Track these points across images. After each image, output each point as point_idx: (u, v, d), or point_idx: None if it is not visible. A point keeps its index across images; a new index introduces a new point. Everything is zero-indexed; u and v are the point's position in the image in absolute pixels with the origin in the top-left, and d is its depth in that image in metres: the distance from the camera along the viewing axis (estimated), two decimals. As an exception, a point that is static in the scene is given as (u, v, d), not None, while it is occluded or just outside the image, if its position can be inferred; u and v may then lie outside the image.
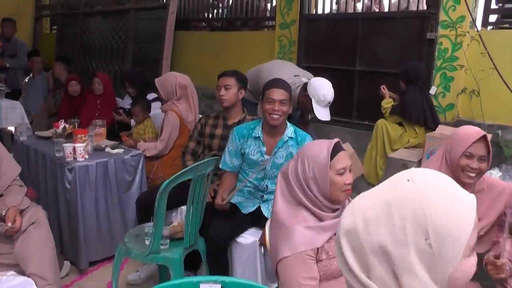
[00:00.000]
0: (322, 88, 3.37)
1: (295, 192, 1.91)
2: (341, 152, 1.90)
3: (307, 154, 1.89)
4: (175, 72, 3.83)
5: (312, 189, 1.87)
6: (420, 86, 3.75)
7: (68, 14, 7.76)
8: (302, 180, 1.88)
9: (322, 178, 1.84)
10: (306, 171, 1.87)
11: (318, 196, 1.87)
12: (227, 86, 3.11)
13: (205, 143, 3.27)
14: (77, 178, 3.10)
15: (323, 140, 1.94)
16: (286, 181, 1.96)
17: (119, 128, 4.51)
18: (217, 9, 6.18)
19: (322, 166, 1.84)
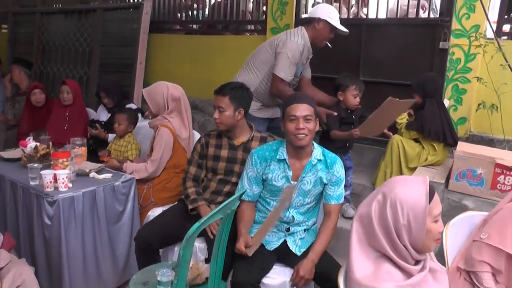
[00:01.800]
0: (327, 5, 3.43)
1: (379, 242, 1.56)
2: (435, 195, 1.57)
3: (399, 196, 1.52)
4: (166, 82, 3.35)
5: (403, 239, 1.54)
6: (437, 99, 3.44)
7: (22, 12, 7.01)
8: (392, 227, 1.53)
9: (418, 227, 1.51)
10: (398, 217, 1.52)
11: (408, 246, 1.55)
12: (220, 108, 2.69)
13: (208, 166, 2.85)
14: (60, 212, 2.57)
15: (412, 178, 1.60)
16: (366, 229, 1.59)
17: (94, 145, 3.96)
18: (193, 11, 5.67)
19: (420, 212, 1.51)
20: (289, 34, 3.34)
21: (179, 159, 3.28)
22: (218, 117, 2.69)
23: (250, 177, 2.47)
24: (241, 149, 2.77)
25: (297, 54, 3.25)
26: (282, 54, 3.24)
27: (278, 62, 3.25)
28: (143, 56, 5.08)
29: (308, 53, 3.39)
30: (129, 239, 2.98)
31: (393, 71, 4.05)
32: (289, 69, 3.25)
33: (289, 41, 3.27)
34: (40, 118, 4.50)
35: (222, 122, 2.69)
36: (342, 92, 3.29)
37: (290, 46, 3.24)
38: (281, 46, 3.27)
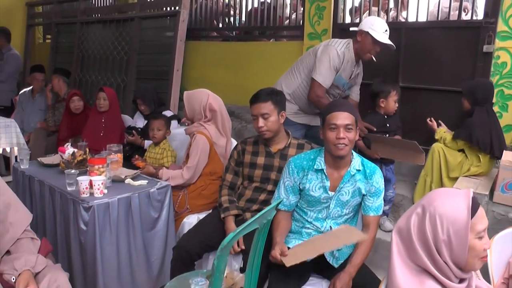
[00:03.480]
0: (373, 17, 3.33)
1: (419, 257, 1.45)
2: (480, 208, 1.45)
3: (439, 210, 1.41)
4: (209, 91, 3.34)
5: (444, 255, 1.42)
6: (487, 108, 3.27)
7: (64, 22, 7.19)
8: (432, 243, 1.42)
9: (459, 243, 1.40)
10: (437, 232, 1.41)
11: (450, 263, 1.43)
12: (265, 114, 2.63)
13: (244, 174, 2.82)
14: (95, 218, 2.56)
15: (453, 191, 1.49)
16: (406, 243, 1.49)
17: (131, 151, 3.98)
18: (229, 18, 5.66)
19: (461, 228, 1.39)
20: (332, 40, 3.31)
21: (215, 166, 3.26)
22: (263, 124, 2.63)
23: (287, 186, 2.40)
24: (278, 156, 2.72)
25: (336, 60, 3.19)
26: (321, 59, 3.20)
27: (317, 66, 3.21)
28: (179, 63, 5.08)
29: (352, 66, 3.31)
30: (163, 246, 2.96)
31: (433, 76, 3.89)
32: (328, 75, 3.19)
33: (330, 46, 3.23)
34: (79, 125, 4.58)
35: (269, 129, 2.64)
36: (384, 99, 3.22)
37: (329, 51, 3.20)
38: (321, 51, 3.24)
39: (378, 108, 3.28)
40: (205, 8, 5.56)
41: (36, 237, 2.10)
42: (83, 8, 6.82)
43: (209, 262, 2.70)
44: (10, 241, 2.01)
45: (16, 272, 1.87)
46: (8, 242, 2.00)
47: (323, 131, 2.27)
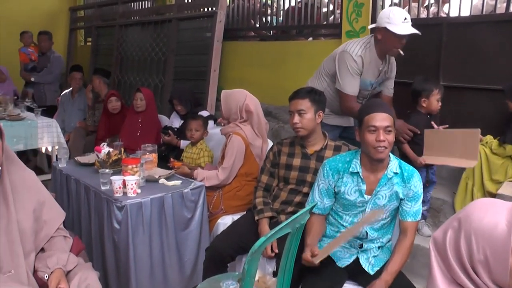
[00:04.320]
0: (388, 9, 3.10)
1: (456, 274, 1.27)
2: None
3: (475, 226, 1.22)
4: (246, 91, 3.29)
5: (482, 276, 1.22)
6: None
7: (104, 25, 7.35)
8: (467, 261, 1.23)
9: (498, 265, 1.19)
10: (473, 251, 1.21)
11: (490, 284, 1.23)
12: (301, 111, 2.57)
13: (280, 175, 2.76)
14: (128, 218, 2.56)
15: (494, 202, 1.28)
16: (443, 257, 1.33)
17: (167, 151, 3.99)
18: (266, 17, 5.61)
19: (500, 248, 1.18)
20: (348, 44, 3.13)
21: (250, 167, 3.21)
22: (298, 121, 2.57)
23: (321, 189, 2.34)
24: (314, 158, 2.65)
25: (354, 66, 3.03)
26: (340, 68, 3.07)
27: (339, 77, 3.08)
28: (217, 64, 5.08)
29: (377, 65, 3.12)
30: (197, 247, 2.94)
31: (478, 75, 3.69)
32: (352, 82, 3.06)
33: (345, 52, 3.06)
34: (116, 124, 4.62)
35: (303, 126, 2.58)
36: (426, 98, 3.08)
37: (345, 59, 3.05)
38: (338, 59, 3.09)
39: (419, 108, 3.14)
40: (242, 8, 5.53)
41: (69, 236, 2.11)
42: (122, 11, 6.94)
43: (242, 265, 2.65)
44: (45, 239, 2.02)
45: (49, 270, 1.88)
46: (42, 240, 2.02)
47: (361, 133, 2.19)
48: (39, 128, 4.82)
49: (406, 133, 3.01)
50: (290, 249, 1.94)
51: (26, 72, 6.72)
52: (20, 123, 4.79)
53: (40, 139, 4.84)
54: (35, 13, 7.88)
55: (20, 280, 1.85)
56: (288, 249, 1.93)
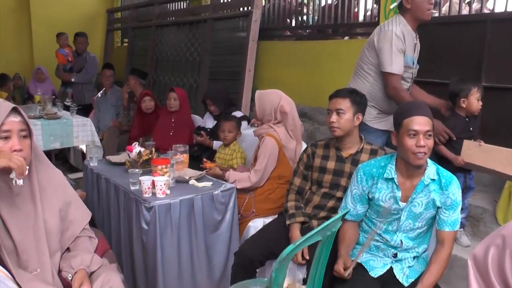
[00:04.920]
0: None
1: None
2: None
3: None
4: (281, 92, 3.20)
5: None
6: None
7: (140, 26, 7.43)
8: None
9: None
10: None
11: None
12: (340, 110, 2.47)
13: (313, 178, 2.66)
14: (156, 219, 2.50)
15: None
16: (482, 274, 1.20)
17: (199, 151, 3.93)
18: (302, 16, 5.48)
19: None
20: (382, 26, 3.01)
21: (283, 169, 3.12)
22: (335, 120, 2.47)
23: (354, 194, 2.24)
24: (349, 161, 2.54)
25: (398, 42, 2.89)
26: (382, 48, 2.91)
27: (382, 57, 2.92)
28: (252, 64, 5.01)
29: (413, 38, 2.99)
30: (226, 250, 2.87)
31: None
32: (397, 60, 2.90)
33: (383, 32, 2.93)
34: (149, 124, 4.61)
35: (340, 126, 2.47)
36: (464, 98, 2.89)
37: (387, 37, 2.90)
38: (379, 41, 2.94)
39: (458, 110, 2.96)
40: (278, 7, 5.43)
41: (94, 236, 2.07)
42: (158, 12, 6.98)
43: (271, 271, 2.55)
44: (70, 239, 2.00)
45: (72, 270, 1.86)
46: (68, 240, 1.99)
47: (398, 137, 2.07)
48: (74, 127, 4.91)
49: (442, 135, 2.85)
50: (321, 258, 1.84)
51: (64, 73, 6.84)
52: (57, 122, 4.88)
53: (75, 137, 4.92)
54: (73, 15, 8.06)
55: (45, 279, 1.82)
56: (318, 257, 1.83)
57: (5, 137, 1.74)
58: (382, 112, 3.08)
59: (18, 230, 1.80)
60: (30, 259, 1.81)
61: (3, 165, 1.64)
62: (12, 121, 1.76)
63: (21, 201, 1.83)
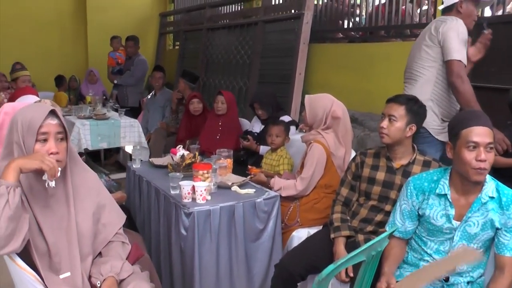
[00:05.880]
0: None
1: None
2: None
3: None
4: (333, 97, 3.05)
5: None
6: None
7: (191, 29, 7.44)
8: None
9: None
10: None
11: None
12: (392, 117, 2.30)
13: (361, 189, 2.50)
14: (195, 225, 2.41)
15: None
16: None
17: (245, 156, 3.81)
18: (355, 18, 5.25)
19: None
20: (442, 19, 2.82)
21: (331, 178, 2.96)
22: (385, 126, 2.31)
23: (403, 210, 2.06)
24: (400, 173, 2.36)
25: (463, 31, 2.71)
26: (448, 36, 2.70)
27: (448, 45, 2.70)
28: (302, 67, 4.87)
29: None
30: (267, 260, 2.74)
31: None
32: (462, 49, 2.70)
33: (450, 20, 2.74)
34: (197, 127, 4.56)
35: (389, 133, 2.31)
36: None
37: (452, 25, 2.71)
38: (444, 30, 2.73)
39: None
40: (330, 8, 5.24)
41: (127, 242, 2.00)
42: (209, 15, 6.96)
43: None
44: (103, 242, 1.94)
45: (102, 277, 1.79)
46: (100, 243, 1.93)
47: (455, 149, 1.88)
48: (122, 128, 4.95)
49: (501, 145, 2.61)
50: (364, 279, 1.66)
51: (112, 75, 6.97)
52: (105, 122, 4.94)
53: (123, 138, 4.96)
54: (127, 20, 8.24)
55: (75, 283, 1.77)
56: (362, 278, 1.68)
57: (43, 139, 1.72)
58: (445, 120, 2.85)
59: (51, 232, 1.76)
60: (62, 262, 1.77)
61: (35, 166, 1.61)
62: (49, 123, 1.74)
63: (55, 203, 1.80)
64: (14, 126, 1.73)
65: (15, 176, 1.57)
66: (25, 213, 1.63)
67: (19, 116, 1.74)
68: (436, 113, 2.82)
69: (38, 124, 1.70)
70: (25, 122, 1.71)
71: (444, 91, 2.83)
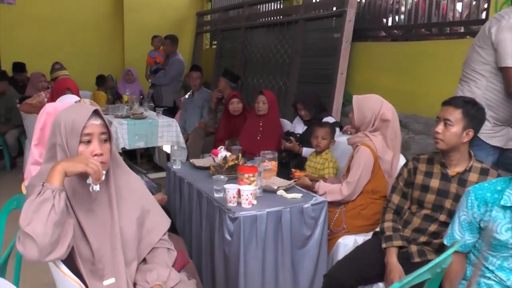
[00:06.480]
0: None
1: None
2: None
3: None
4: (382, 98, 2.92)
5: None
6: None
7: (229, 28, 7.37)
8: None
9: None
10: None
11: None
12: (448, 121, 2.16)
13: (414, 197, 2.35)
14: (241, 230, 2.31)
15: None
16: None
17: (287, 158, 3.69)
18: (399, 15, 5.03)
19: None
20: (499, 16, 2.59)
21: (378, 183, 2.83)
22: (440, 131, 2.17)
23: (462, 221, 1.92)
24: (456, 181, 2.21)
25: None
26: (503, 39, 2.49)
27: (502, 50, 2.50)
28: (344, 66, 4.71)
29: None
30: (314, 267, 2.62)
31: None
32: None
33: (505, 20, 2.52)
34: (236, 127, 4.49)
35: (444, 139, 2.16)
36: None
37: (508, 26, 2.49)
38: (497, 32, 2.52)
39: None
40: (373, 5, 5.05)
41: (173, 248, 1.92)
42: (247, 14, 6.88)
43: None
44: (147, 248, 1.86)
45: (148, 285, 1.72)
46: (145, 249, 1.86)
47: None
48: (159, 127, 4.93)
49: None
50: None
51: (149, 74, 6.99)
52: (142, 122, 4.92)
53: (160, 137, 4.93)
54: (163, 20, 8.29)
55: None
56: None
57: (87, 141, 1.66)
58: (498, 124, 2.68)
59: (95, 237, 1.70)
60: (105, 268, 1.70)
61: (80, 170, 1.54)
62: (93, 124, 1.67)
63: (98, 207, 1.73)
64: (57, 128, 1.67)
65: (60, 180, 1.51)
66: (70, 218, 1.57)
67: (61, 117, 1.68)
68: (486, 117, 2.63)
69: (81, 125, 1.64)
70: (68, 123, 1.65)
71: (498, 95, 2.63)
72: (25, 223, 1.43)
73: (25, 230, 1.42)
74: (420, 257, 2.21)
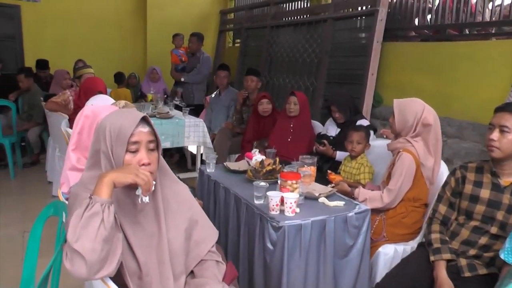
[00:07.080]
0: None
1: None
2: None
3: None
4: (423, 101, 2.81)
5: None
6: None
7: (253, 27, 7.28)
8: None
9: None
10: None
11: None
12: (504, 128, 2.06)
13: (461, 207, 2.26)
14: (285, 240, 2.22)
15: None
16: None
17: (320, 161, 3.61)
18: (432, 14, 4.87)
19: None
20: None
21: (419, 191, 2.74)
22: (496, 138, 2.07)
23: None
24: (509, 191, 2.11)
25: None
26: None
27: None
28: (375, 67, 4.60)
29: None
30: (355, 277, 2.52)
31: None
32: None
33: None
34: (265, 127, 4.43)
35: (500, 146, 2.07)
36: None
37: None
38: None
39: None
40: (405, 4, 4.91)
41: (221, 261, 1.83)
42: (273, 12, 6.77)
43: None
44: (195, 260, 1.78)
45: None
46: (193, 261, 1.77)
47: None
48: (186, 127, 4.86)
49: None
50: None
51: (176, 72, 6.90)
52: (169, 121, 4.85)
53: (187, 137, 4.87)
54: (187, 17, 8.23)
55: None
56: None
57: (134, 150, 1.57)
58: None
59: (141, 251, 1.62)
60: (153, 283, 1.62)
61: (129, 181, 1.46)
62: (140, 131, 1.59)
63: (143, 219, 1.65)
64: (101, 134, 1.59)
65: (109, 192, 1.43)
66: (118, 232, 1.48)
67: (106, 123, 1.59)
68: None
69: (129, 133, 1.55)
70: (114, 130, 1.56)
71: None
72: (73, 239, 1.35)
73: (73, 247, 1.34)
74: (470, 272, 2.12)
